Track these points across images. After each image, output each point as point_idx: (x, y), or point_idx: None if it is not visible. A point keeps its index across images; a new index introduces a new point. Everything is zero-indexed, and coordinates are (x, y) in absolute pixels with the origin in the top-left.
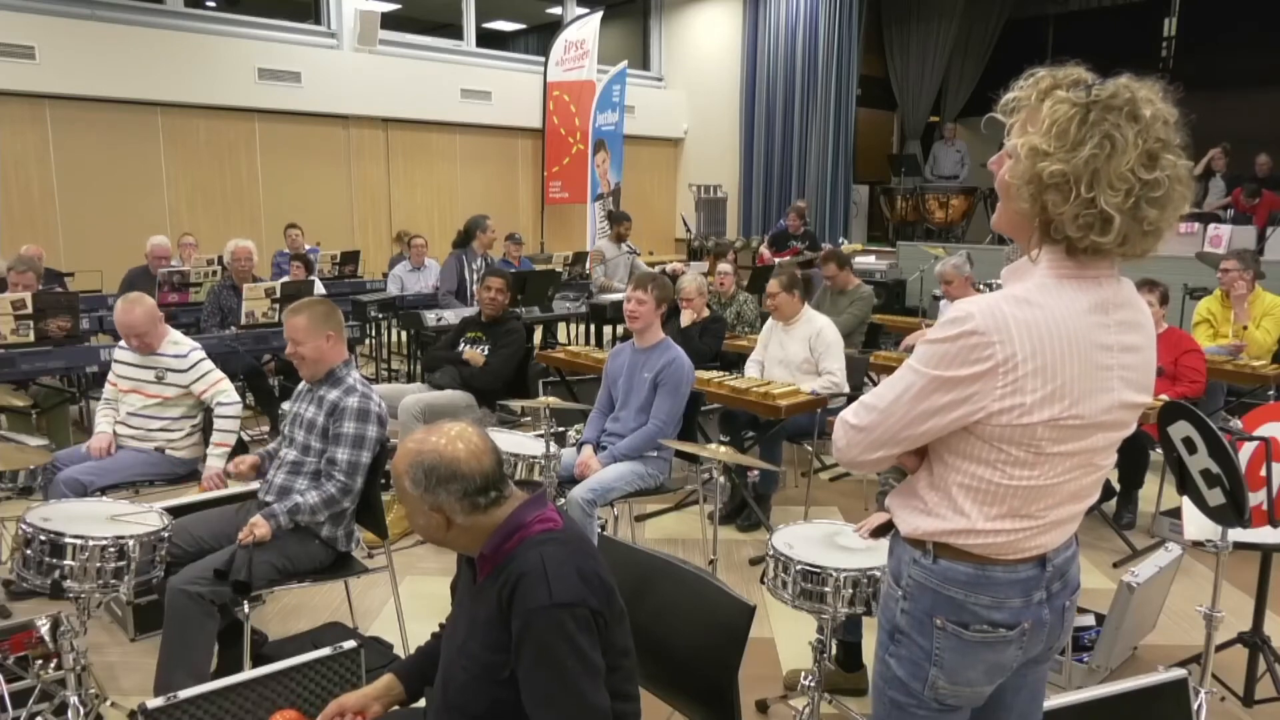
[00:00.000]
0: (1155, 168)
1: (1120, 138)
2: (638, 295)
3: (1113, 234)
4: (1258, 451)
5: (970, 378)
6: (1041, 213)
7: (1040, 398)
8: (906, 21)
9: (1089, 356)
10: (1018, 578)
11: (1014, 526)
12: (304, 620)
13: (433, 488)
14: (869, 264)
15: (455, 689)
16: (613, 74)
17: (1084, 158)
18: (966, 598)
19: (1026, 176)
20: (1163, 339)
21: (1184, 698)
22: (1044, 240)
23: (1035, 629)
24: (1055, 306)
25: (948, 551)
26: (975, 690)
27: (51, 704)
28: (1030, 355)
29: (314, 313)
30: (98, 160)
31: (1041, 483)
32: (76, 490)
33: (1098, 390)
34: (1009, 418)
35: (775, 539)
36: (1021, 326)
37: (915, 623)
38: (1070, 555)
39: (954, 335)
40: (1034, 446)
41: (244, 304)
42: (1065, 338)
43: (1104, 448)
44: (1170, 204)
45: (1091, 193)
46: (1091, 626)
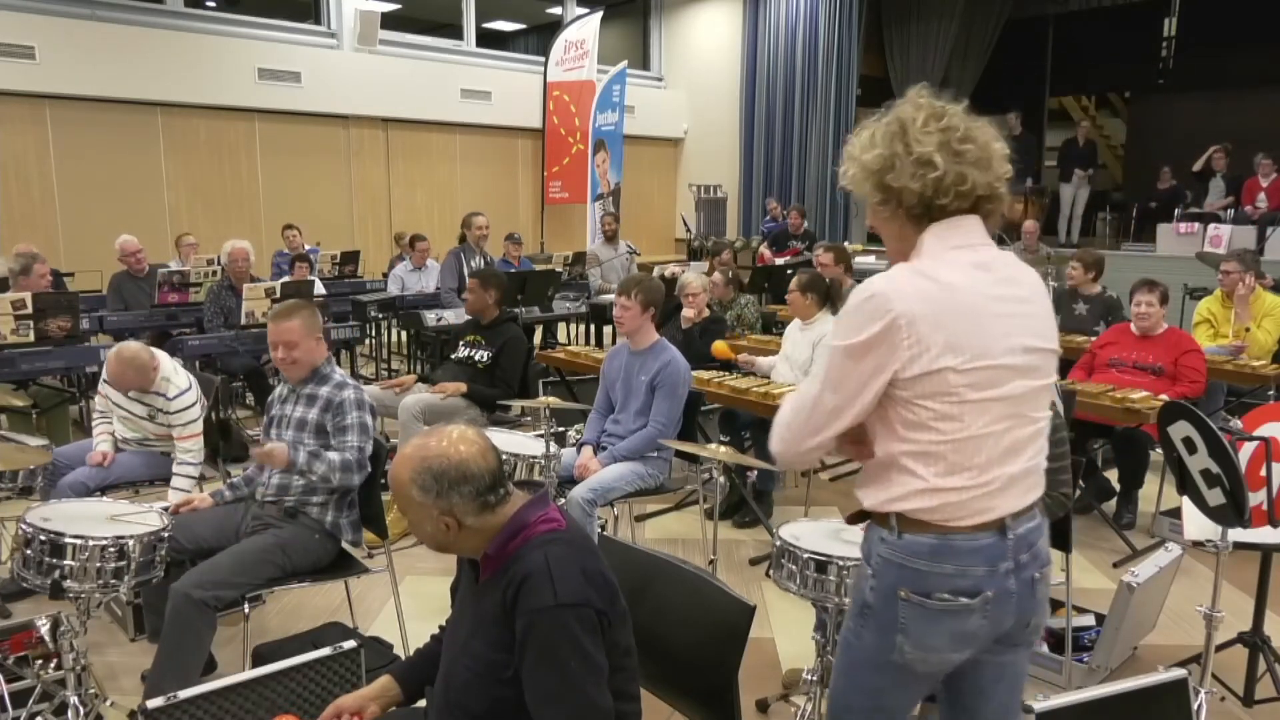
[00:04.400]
0: (944, 118)
1: (902, 115)
2: (622, 301)
3: (941, 171)
4: (1258, 451)
5: (877, 337)
6: (890, 195)
7: (942, 345)
8: (906, 21)
9: (980, 307)
10: (978, 545)
11: (963, 483)
12: (304, 620)
13: (445, 492)
14: (869, 264)
15: (457, 688)
16: (613, 74)
17: (887, 138)
18: (930, 568)
19: (861, 177)
20: (1163, 339)
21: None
22: (911, 226)
23: (1000, 599)
24: (943, 270)
25: (911, 525)
26: (942, 657)
27: (51, 704)
28: (925, 309)
29: (305, 316)
30: (98, 160)
31: (972, 432)
32: (79, 492)
33: (996, 335)
34: (919, 366)
35: (783, 530)
36: (914, 286)
37: (882, 597)
38: (1035, 527)
39: (858, 304)
40: (953, 396)
41: (244, 304)
42: (955, 291)
43: (1026, 395)
44: (988, 167)
45: (909, 153)
46: (1091, 626)
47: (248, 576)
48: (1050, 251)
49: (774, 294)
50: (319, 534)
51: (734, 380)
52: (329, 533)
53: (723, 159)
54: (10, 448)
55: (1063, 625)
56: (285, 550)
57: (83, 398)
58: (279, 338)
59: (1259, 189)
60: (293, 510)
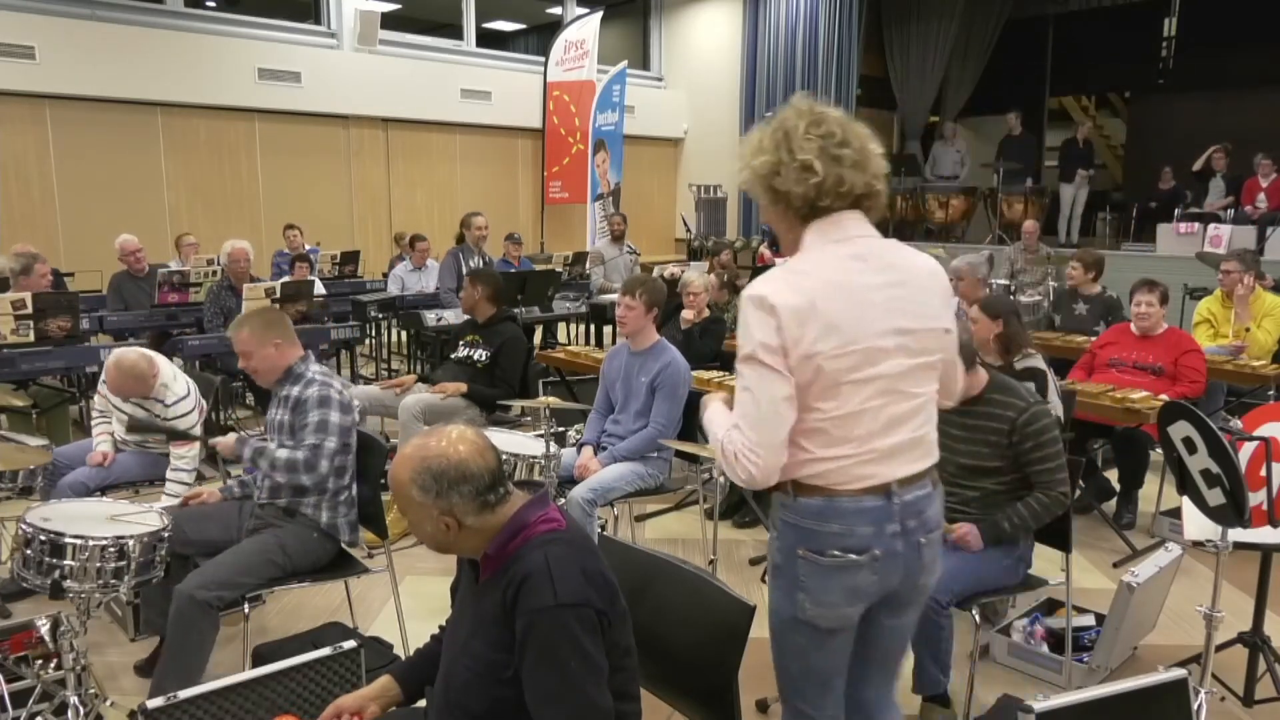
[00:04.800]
0: (823, 125)
1: (786, 123)
2: (626, 301)
3: (821, 176)
4: (1258, 451)
5: (774, 341)
6: (778, 197)
7: (817, 332)
8: (906, 21)
9: (853, 295)
10: (863, 507)
11: (844, 453)
12: (304, 620)
13: (445, 492)
14: None
15: (457, 688)
16: (613, 74)
17: (772, 145)
18: (820, 527)
19: (753, 180)
20: (1163, 339)
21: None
22: (799, 223)
23: (887, 558)
24: (820, 263)
25: (804, 490)
26: (839, 612)
27: (51, 704)
28: (800, 301)
29: (254, 325)
30: (98, 160)
31: (850, 409)
32: (79, 492)
33: (869, 319)
34: (801, 349)
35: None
36: (794, 282)
37: (784, 556)
38: (925, 495)
39: (746, 311)
40: (830, 378)
41: (244, 304)
42: (831, 283)
43: (903, 373)
44: (865, 168)
45: (792, 159)
46: (1091, 626)
47: (250, 576)
48: (1050, 251)
49: None
50: (317, 533)
51: (734, 380)
52: (326, 532)
53: (723, 159)
54: (10, 448)
55: (1063, 625)
56: (285, 549)
57: (83, 398)
58: (235, 348)
59: (1259, 189)
60: (289, 510)
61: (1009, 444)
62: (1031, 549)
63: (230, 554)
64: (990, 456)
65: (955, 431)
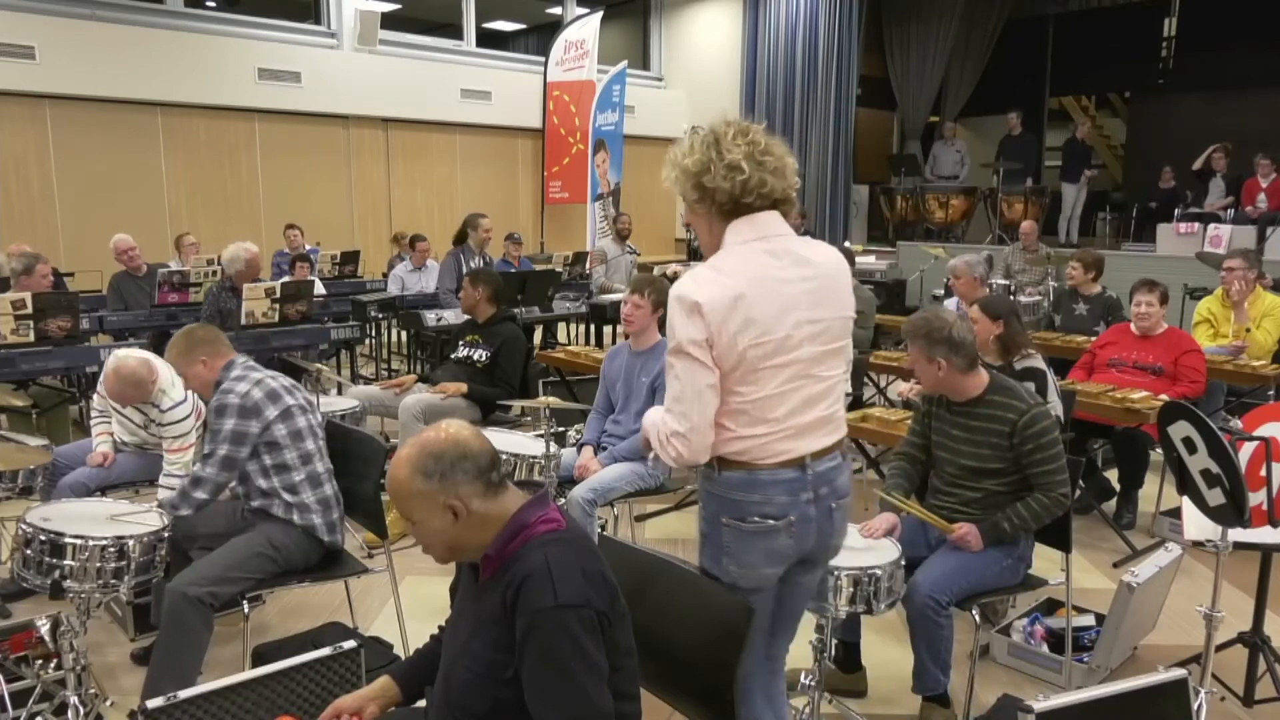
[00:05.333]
0: (749, 134)
1: (715, 130)
2: (634, 299)
3: (747, 175)
4: (1258, 451)
5: (699, 335)
6: (705, 194)
7: (740, 324)
8: (906, 21)
9: (772, 289)
10: (780, 478)
11: (762, 431)
12: (304, 620)
13: (448, 472)
14: (869, 264)
15: (457, 688)
16: (613, 74)
17: (702, 147)
18: (742, 497)
19: (682, 179)
20: (1163, 339)
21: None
22: (720, 221)
23: (802, 523)
24: (739, 261)
25: (727, 465)
26: (760, 573)
27: (51, 704)
28: (726, 297)
29: (178, 349)
30: (98, 160)
31: (768, 393)
32: (79, 492)
33: (783, 311)
34: (724, 341)
35: None
36: (715, 279)
37: (710, 525)
38: (835, 466)
39: (677, 309)
40: (748, 366)
41: (244, 304)
42: (750, 279)
43: (814, 358)
44: (784, 176)
45: (721, 160)
46: (1091, 626)
47: (242, 571)
48: (1050, 251)
49: None
50: (299, 531)
51: None
52: (305, 531)
53: None
54: (10, 448)
55: (1063, 625)
56: (274, 544)
57: (83, 398)
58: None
59: (1259, 189)
60: (261, 512)
61: (1010, 445)
62: (1031, 549)
63: (221, 551)
64: (991, 458)
65: (956, 433)
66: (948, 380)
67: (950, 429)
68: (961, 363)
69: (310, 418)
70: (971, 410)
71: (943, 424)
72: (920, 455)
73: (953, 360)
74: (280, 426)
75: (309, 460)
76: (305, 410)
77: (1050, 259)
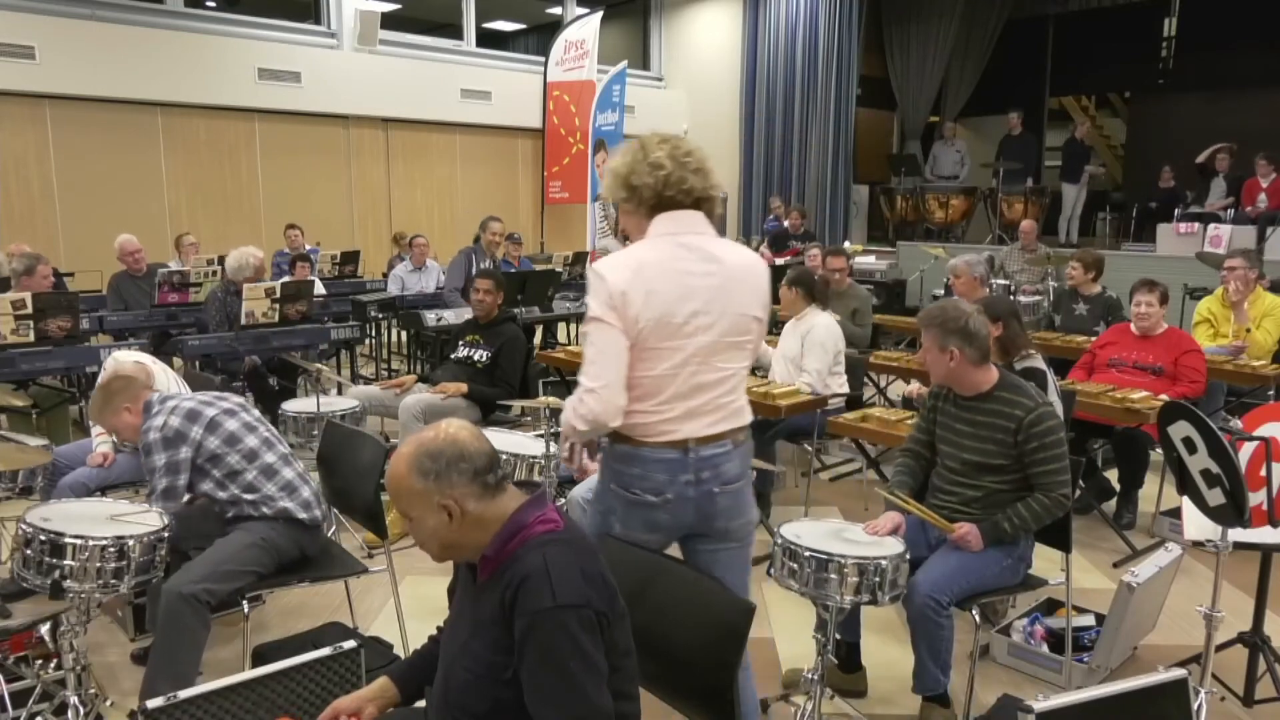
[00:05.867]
0: (671, 140)
1: (643, 139)
2: None
3: (669, 170)
4: (1258, 451)
5: (607, 304)
6: (633, 192)
7: (641, 304)
8: (906, 21)
9: (676, 278)
10: (661, 458)
11: (649, 408)
12: (304, 620)
13: (444, 471)
14: (869, 264)
15: (456, 689)
16: (613, 74)
17: (630, 152)
18: (625, 469)
19: (614, 183)
20: (1163, 339)
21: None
22: (647, 218)
23: (679, 502)
24: (651, 248)
25: (617, 438)
26: (639, 537)
27: (51, 704)
28: (632, 277)
29: (97, 405)
30: (98, 160)
31: (659, 372)
32: (79, 492)
33: (682, 299)
34: (629, 315)
35: (784, 529)
36: (624, 263)
37: (602, 487)
38: (723, 453)
39: (593, 283)
40: (643, 344)
41: (244, 304)
42: (657, 264)
43: (709, 347)
44: (706, 177)
45: (645, 159)
46: (1091, 626)
47: (236, 564)
48: (1050, 252)
49: (773, 294)
50: (280, 523)
51: None
52: (287, 520)
53: (723, 159)
54: (10, 448)
55: (1063, 625)
56: (263, 536)
57: (83, 398)
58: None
59: (1259, 189)
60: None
61: (1014, 442)
62: (1031, 549)
63: (211, 549)
64: (995, 454)
65: (961, 427)
66: (958, 372)
67: (955, 423)
68: (974, 355)
69: (243, 416)
70: (978, 405)
71: (948, 418)
72: (925, 452)
73: (965, 351)
74: (211, 439)
75: (255, 456)
76: (233, 413)
77: (1050, 259)
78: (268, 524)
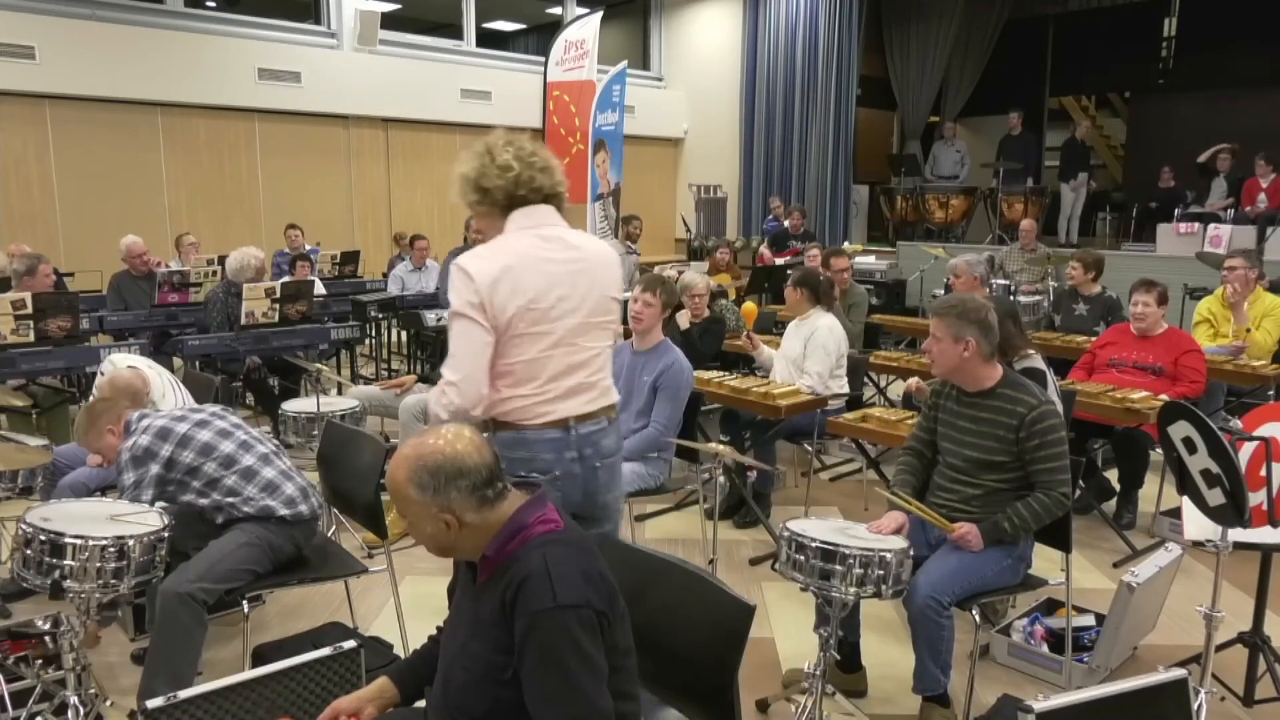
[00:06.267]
0: (516, 142)
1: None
2: (645, 298)
3: (517, 171)
4: (1258, 451)
5: (471, 300)
6: (485, 194)
7: (509, 294)
8: (906, 21)
9: (539, 267)
10: (546, 438)
11: (528, 392)
12: (304, 620)
13: (442, 488)
14: (869, 264)
15: (456, 689)
16: (613, 74)
17: (477, 156)
18: (513, 455)
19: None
20: (1163, 339)
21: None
22: (500, 215)
23: (567, 479)
24: (512, 241)
25: (500, 425)
26: None
27: (51, 704)
28: (497, 269)
29: (81, 430)
30: (98, 160)
31: (531, 356)
32: (79, 492)
33: (548, 286)
34: (495, 306)
35: (790, 524)
36: (490, 255)
37: None
38: (600, 430)
39: (458, 278)
40: (514, 331)
41: (244, 304)
42: (520, 255)
43: (575, 329)
44: (552, 175)
45: (493, 162)
46: (1091, 626)
47: (230, 563)
48: (1049, 251)
49: (774, 294)
50: (270, 521)
51: (734, 380)
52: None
53: (723, 159)
54: (10, 448)
55: (1063, 625)
56: (258, 537)
57: (83, 397)
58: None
59: (1259, 189)
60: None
61: (1016, 440)
62: (1031, 549)
63: (207, 549)
64: (997, 450)
65: (964, 424)
66: (968, 364)
67: (958, 420)
68: (986, 349)
69: (217, 424)
70: (981, 402)
71: (950, 415)
72: (926, 451)
73: (979, 343)
74: (185, 453)
75: (233, 462)
76: (206, 424)
77: (1050, 259)
78: (259, 523)
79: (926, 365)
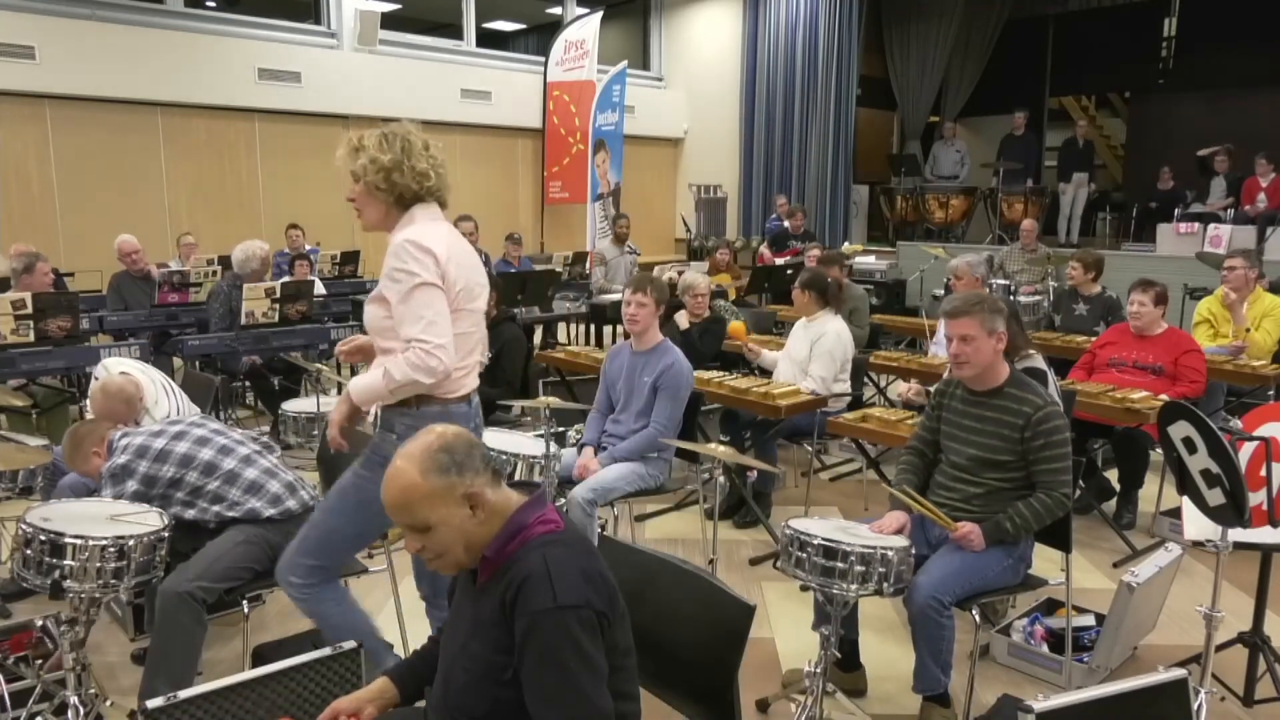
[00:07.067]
0: (431, 148)
1: (407, 136)
2: (638, 298)
3: (433, 180)
4: (1258, 451)
5: (437, 272)
6: (393, 187)
7: (455, 272)
8: (906, 21)
9: (463, 251)
10: (461, 412)
11: (459, 364)
12: (304, 620)
13: (464, 461)
14: (869, 264)
15: (456, 690)
16: (613, 74)
17: (395, 148)
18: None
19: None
20: (1162, 339)
21: (1184, 698)
22: (399, 208)
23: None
24: (439, 229)
25: (424, 400)
26: None
27: (51, 704)
28: (445, 248)
29: (69, 455)
30: (98, 160)
31: (465, 330)
32: (79, 492)
33: (470, 270)
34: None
35: (791, 522)
36: (437, 236)
37: (390, 446)
38: (477, 403)
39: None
40: (460, 306)
41: (244, 303)
42: (448, 241)
43: (480, 310)
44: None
45: (412, 167)
46: (1091, 626)
47: (228, 562)
48: (1049, 251)
49: (774, 294)
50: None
51: (734, 380)
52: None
53: (723, 159)
54: (10, 448)
55: (1063, 625)
56: (256, 535)
57: (83, 397)
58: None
59: (1259, 189)
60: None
61: (1021, 439)
62: (1031, 549)
63: (205, 548)
64: (1001, 449)
65: (968, 422)
66: (998, 358)
67: (962, 419)
68: (1017, 335)
69: (195, 433)
70: (987, 401)
71: (955, 414)
72: (928, 451)
73: (1009, 333)
74: (164, 468)
75: (213, 470)
76: (183, 435)
77: (1050, 259)
78: (252, 524)
79: (926, 365)
